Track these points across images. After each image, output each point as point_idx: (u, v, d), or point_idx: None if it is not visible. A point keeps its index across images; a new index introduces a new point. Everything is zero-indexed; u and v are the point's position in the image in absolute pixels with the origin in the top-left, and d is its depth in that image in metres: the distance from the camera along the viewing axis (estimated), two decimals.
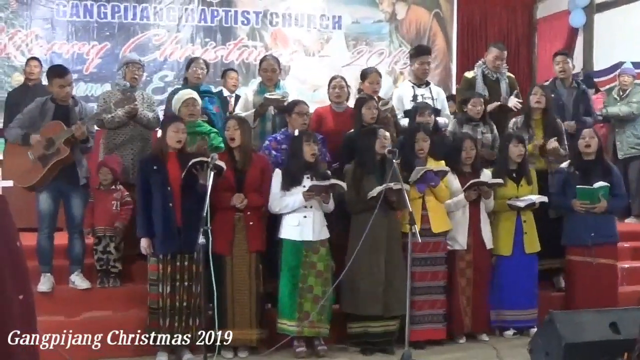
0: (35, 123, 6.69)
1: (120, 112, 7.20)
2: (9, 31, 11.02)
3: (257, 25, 12.05)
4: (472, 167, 7.19)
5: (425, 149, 6.93)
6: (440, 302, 6.90)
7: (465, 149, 7.16)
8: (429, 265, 6.85)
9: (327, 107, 7.79)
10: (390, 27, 12.74)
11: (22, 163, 6.66)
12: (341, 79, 7.76)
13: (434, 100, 8.11)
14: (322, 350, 6.53)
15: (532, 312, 7.21)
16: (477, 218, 7.12)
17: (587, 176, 7.18)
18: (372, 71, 8.03)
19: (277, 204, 6.56)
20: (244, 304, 6.46)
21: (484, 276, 7.17)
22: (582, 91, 8.69)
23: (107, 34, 11.40)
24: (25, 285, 2.06)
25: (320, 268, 6.53)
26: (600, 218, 7.15)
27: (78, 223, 6.86)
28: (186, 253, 6.26)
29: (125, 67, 7.61)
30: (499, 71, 8.52)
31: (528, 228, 7.26)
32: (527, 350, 5.98)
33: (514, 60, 13.01)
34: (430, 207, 6.86)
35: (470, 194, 7.03)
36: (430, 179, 6.73)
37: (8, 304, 1.93)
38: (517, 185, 7.29)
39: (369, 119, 7.17)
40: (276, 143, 7.05)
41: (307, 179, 6.52)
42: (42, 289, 6.65)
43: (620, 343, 5.61)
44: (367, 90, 7.80)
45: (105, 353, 6.39)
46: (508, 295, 7.17)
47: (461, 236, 7.03)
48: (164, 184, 6.30)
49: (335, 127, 7.39)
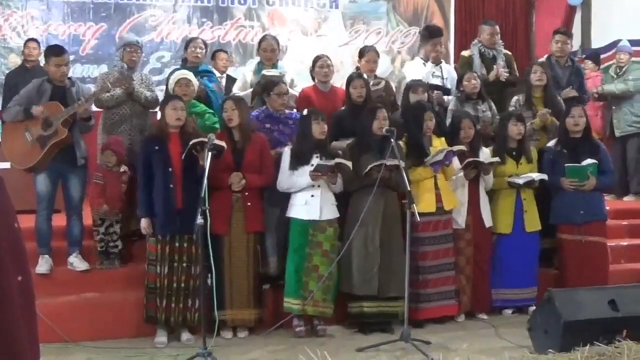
0: (32, 103, 6.64)
1: (119, 90, 7.16)
2: (5, 12, 10.94)
3: (254, 5, 11.97)
4: (471, 146, 7.18)
5: (432, 127, 6.96)
6: (452, 278, 6.94)
7: (463, 128, 7.15)
8: (441, 244, 6.89)
9: (312, 86, 7.76)
10: (387, 6, 12.67)
11: (20, 145, 6.65)
12: (327, 58, 7.74)
13: (444, 80, 8.12)
14: (322, 329, 6.56)
15: (532, 290, 7.24)
16: (476, 197, 7.14)
17: (575, 154, 7.17)
18: (369, 49, 8.02)
19: (285, 182, 6.58)
20: (242, 284, 6.48)
21: (484, 255, 7.20)
22: (576, 69, 8.66)
23: (104, 15, 11.32)
24: (23, 267, 2.06)
25: (326, 247, 6.55)
26: (588, 196, 7.14)
27: (76, 204, 6.85)
28: (185, 234, 6.26)
29: (123, 49, 7.59)
30: (495, 47, 8.53)
31: (528, 206, 7.27)
32: (526, 329, 6.00)
33: (511, 38, 12.96)
34: (441, 186, 6.89)
35: (469, 173, 7.03)
36: (448, 159, 6.76)
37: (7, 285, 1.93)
38: (516, 164, 7.30)
39: (355, 97, 7.17)
40: (258, 121, 7.03)
41: (316, 158, 6.52)
42: (41, 270, 6.65)
43: (619, 320, 5.63)
44: (364, 69, 7.81)
45: (104, 334, 6.42)
46: (508, 273, 7.20)
47: (460, 215, 7.04)
48: (165, 165, 6.30)
49: (322, 106, 7.30)
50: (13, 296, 1.95)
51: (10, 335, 1.95)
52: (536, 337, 5.84)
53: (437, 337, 6.45)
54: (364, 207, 6.40)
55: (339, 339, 6.50)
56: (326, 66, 7.65)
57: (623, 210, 8.93)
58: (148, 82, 7.68)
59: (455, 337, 6.51)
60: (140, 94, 7.34)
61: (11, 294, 1.94)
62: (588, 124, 7.32)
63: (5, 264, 1.92)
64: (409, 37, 12.64)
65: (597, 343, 5.46)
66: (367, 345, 6.15)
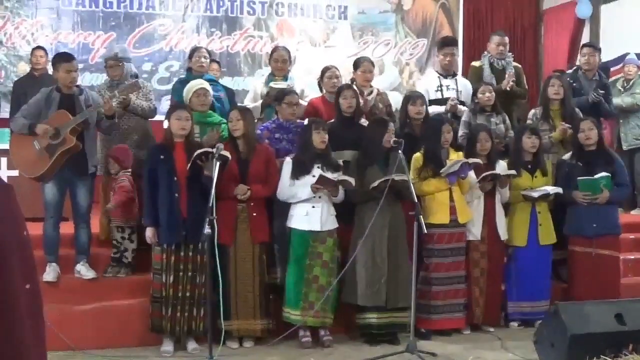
0: (41, 113, 6.67)
1: (114, 102, 7.00)
2: (15, 20, 10.99)
3: (263, 15, 12.00)
4: (488, 159, 7.19)
5: (449, 140, 6.97)
6: (461, 291, 6.95)
7: (480, 141, 7.16)
8: (454, 256, 6.90)
9: (321, 97, 7.77)
10: (396, 17, 12.69)
11: (28, 153, 6.64)
12: (335, 69, 7.76)
13: (459, 92, 8.14)
14: (328, 340, 6.55)
15: (545, 303, 7.22)
16: (492, 209, 7.15)
17: (590, 167, 7.18)
18: (364, 60, 8.04)
19: (286, 193, 6.58)
20: (248, 295, 6.48)
21: (497, 267, 7.20)
22: (603, 84, 8.69)
23: (113, 24, 11.36)
24: (32, 275, 2.07)
25: (326, 258, 6.55)
26: (602, 209, 7.14)
27: (84, 212, 6.85)
28: (190, 243, 6.28)
29: (106, 64, 7.65)
30: (503, 57, 8.56)
31: (543, 219, 7.27)
32: (533, 341, 5.98)
33: (520, 50, 12.96)
34: (456, 198, 6.89)
35: (485, 185, 7.04)
36: (463, 171, 6.75)
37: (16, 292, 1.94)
38: (532, 177, 7.31)
39: (345, 108, 7.15)
40: (268, 132, 7.05)
41: (317, 168, 6.52)
42: (48, 278, 6.66)
43: (625, 334, 5.60)
44: (360, 80, 7.81)
45: (111, 342, 6.43)
46: (523, 286, 7.21)
47: (475, 227, 7.05)
48: (170, 174, 6.32)
49: (330, 117, 7.33)
50: (21, 304, 1.96)
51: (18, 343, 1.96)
52: (542, 350, 5.82)
53: (443, 349, 6.45)
54: (371, 218, 6.40)
55: (345, 350, 6.49)
56: (335, 77, 7.66)
57: (631, 224, 8.89)
58: (145, 90, 7.65)
59: (462, 350, 6.51)
60: (137, 107, 7.35)
61: (19, 302, 1.95)
62: (601, 136, 7.33)
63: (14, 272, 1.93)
64: (417, 48, 12.66)
65: (603, 357, 5.44)
66: (372, 356, 6.15)
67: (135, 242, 7.00)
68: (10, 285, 1.92)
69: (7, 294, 1.91)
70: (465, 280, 6.99)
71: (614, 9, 12.41)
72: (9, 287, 1.93)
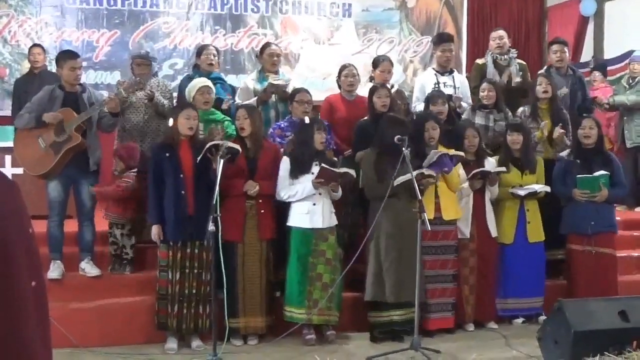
0: (44, 111, 6.65)
1: (141, 94, 7.14)
2: (19, 18, 11.01)
3: (267, 13, 12.01)
4: (476, 156, 7.19)
5: (435, 137, 6.92)
6: (450, 290, 6.91)
7: (467, 137, 7.15)
8: (439, 254, 6.85)
9: (338, 95, 7.82)
10: (400, 15, 12.69)
11: (33, 151, 6.66)
12: (352, 67, 7.79)
13: (456, 89, 8.13)
14: (331, 335, 6.56)
15: (538, 300, 7.25)
16: (481, 207, 7.14)
17: (588, 165, 7.20)
18: (384, 59, 8.06)
19: (285, 191, 6.57)
20: (255, 292, 6.49)
21: (489, 265, 7.19)
22: (578, 78, 8.64)
23: (117, 22, 11.38)
24: (38, 272, 2.07)
25: (329, 256, 6.55)
26: (600, 207, 7.15)
27: (88, 210, 6.86)
28: (197, 240, 6.29)
29: (133, 61, 7.66)
30: (505, 52, 8.54)
31: (532, 217, 7.28)
32: (536, 338, 5.98)
33: (524, 48, 12.97)
34: (442, 195, 6.84)
35: (475, 183, 7.02)
36: (445, 164, 6.68)
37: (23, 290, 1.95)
38: (521, 174, 7.30)
39: (379, 107, 7.17)
40: (280, 130, 7.08)
41: (316, 166, 6.52)
42: (52, 276, 6.67)
43: (629, 331, 5.60)
44: (378, 78, 7.83)
45: (115, 340, 6.44)
46: (511, 283, 7.21)
47: (464, 225, 7.03)
48: (176, 171, 6.33)
49: (348, 115, 7.43)
50: (27, 301, 1.97)
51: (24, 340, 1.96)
52: (546, 347, 5.82)
53: (447, 346, 6.45)
54: (394, 215, 6.45)
55: (349, 347, 6.50)
56: (352, 75, 7.71)
57: (634, 221, 8.91)
58: (164, 88, 7.72)
59: (465, 347, 6.52)
60: (159, 102, 7.38)
61: (25, 299, 1.96)
62: (601, 135, 7.32)
63: (20, 269, 1.94)
64: (422, 46, 12.66)
65: (607, 353, 5.45)
66: (377, 353, 6.16)
67: (132, 238, 7.00)
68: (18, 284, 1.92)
69: (15, 291, 1.92)
70: (453, 280, 6.94)
71: (618, 6, 12.42)
72: (17, 285, 1.93)
